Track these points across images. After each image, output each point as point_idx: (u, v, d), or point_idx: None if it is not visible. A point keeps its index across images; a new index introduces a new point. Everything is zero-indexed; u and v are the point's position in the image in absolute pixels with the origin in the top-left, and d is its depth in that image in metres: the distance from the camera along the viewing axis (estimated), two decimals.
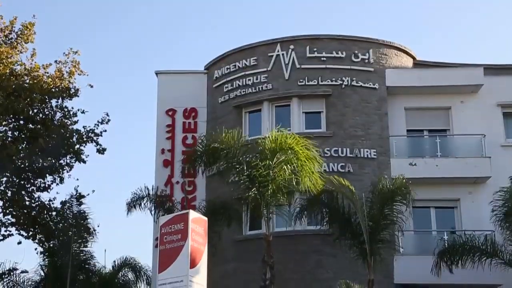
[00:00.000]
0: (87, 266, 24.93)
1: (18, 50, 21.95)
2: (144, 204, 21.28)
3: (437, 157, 23.14)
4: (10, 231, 22.64)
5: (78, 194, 23.74)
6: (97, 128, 23.20)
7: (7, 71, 21.31)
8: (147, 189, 21.60)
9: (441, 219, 22.99)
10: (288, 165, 18.13)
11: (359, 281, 16.74)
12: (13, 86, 21.19)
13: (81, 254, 24.14)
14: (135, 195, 21.26)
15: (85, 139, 22.94)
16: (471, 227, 20.98)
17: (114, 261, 26.73)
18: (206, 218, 12.25)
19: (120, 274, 26.83)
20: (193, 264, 11.45)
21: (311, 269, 21.59)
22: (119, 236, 65.63)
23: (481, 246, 19.19)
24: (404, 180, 18.95)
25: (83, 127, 23.12)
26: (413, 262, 21.38)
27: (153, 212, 21.31)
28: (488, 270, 18.88)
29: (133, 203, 21.21)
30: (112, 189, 71.99)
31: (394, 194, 18.91)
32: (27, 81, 21.91)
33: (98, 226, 23.31)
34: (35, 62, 22.32)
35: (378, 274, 19.20)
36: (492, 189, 21.00)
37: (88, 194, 23.53)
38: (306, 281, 21.43)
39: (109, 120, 23.35)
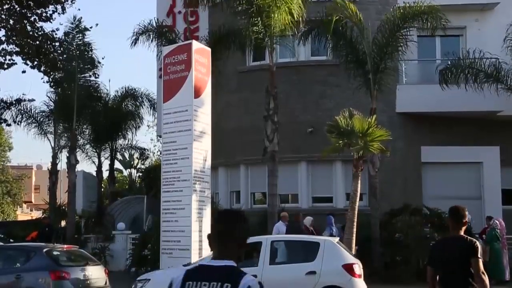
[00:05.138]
0: (93, 95, 25.43)
1: None
2: (148, 37, 21.03)
3: None
4: (14, 60, 22.75)
5: (81, 26, 23.47)
6: None
7: None
8: (151, 21, 21.34)
9: (446, 48, 22.74)
10: None
11: (361, 110, 16.89)
12: None
13: (87, 84, 24.49)
14: (140, 28, 20.97)
15: None
16: (476, 56, 20.81)
17: (117, 91, 27.20)
18: (209, 49, 12.21)
19: (124, 103, 27.48)
20: (197, 94, 11.60)
21: (314, 99, 21.79)
22: (124, 68, 65.80)
23: (486, 70, 19.22)
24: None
25: None
26: (415, 91, 21.52)
27: (155, 43, 21.11)
28: (489, 97, 19.06)
29: (138, 35, 20.97)
30: (114, 22, 71.05)
31: (414, 15, 18.50)
32: None
33: (103, 58, 23.38)
34: None
35: (380, 103, 19.45)
36: (499, 17, 20.66)
37: (91, 27, 23.34)
38: (309, 110, 21.73)
39: None
